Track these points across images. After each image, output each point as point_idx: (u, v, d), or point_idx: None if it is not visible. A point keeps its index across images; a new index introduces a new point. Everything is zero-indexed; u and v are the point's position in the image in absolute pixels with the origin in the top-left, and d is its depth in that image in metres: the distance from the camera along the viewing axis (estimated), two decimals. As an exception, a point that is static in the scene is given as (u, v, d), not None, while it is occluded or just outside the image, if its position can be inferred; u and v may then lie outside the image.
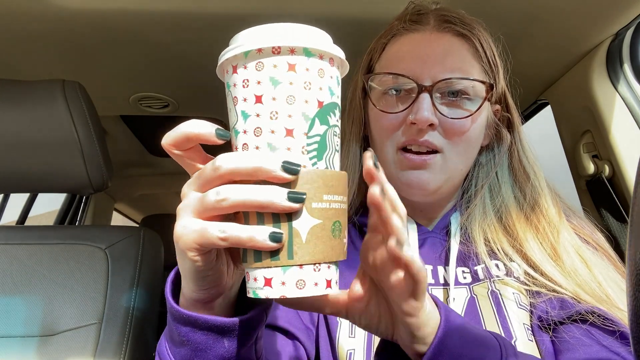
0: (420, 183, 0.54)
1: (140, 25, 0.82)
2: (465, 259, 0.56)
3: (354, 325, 0.54)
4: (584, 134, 0.91)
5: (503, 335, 0.48)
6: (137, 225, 2.27)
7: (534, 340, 0.48)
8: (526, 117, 1.14)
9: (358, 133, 0.62)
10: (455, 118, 0.53)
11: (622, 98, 0.82)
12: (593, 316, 0.46)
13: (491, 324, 0.49)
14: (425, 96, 0.52)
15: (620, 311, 0.46)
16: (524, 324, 0.49)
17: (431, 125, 0.52)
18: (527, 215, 0.56)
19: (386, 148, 0.57)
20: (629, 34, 0.81)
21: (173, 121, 1.60)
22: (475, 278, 0.54)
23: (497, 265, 0.54)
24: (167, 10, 0.78)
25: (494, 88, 0.55)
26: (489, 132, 0.60)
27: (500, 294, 0.52)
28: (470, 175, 0.61)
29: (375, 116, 0.58)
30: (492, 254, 0.55)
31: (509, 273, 0.53)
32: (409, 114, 0.53)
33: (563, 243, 0.52)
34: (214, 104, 1.23)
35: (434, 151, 0.54)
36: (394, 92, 0.55)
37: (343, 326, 0.54)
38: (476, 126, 0.55)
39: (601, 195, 0.88)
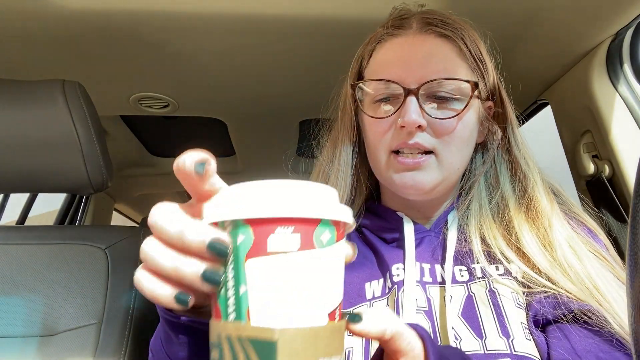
0: (415, 184, 0.55)
1: (140, 25, 0.82)
2: (463, 258, 0.56)
3: None
4: (584, 134, 0.91)
5: (500, 334, 0.48)
6: (137, 225, 2.27)
7: (532, 339, 0.48)
8: (526, 117, 1.13)
9: (349, 138, 0.64)
10: (442, 118, 0.54)
11: (622, 98, 0.82)
12: (585, 315, 0.47)
13: (489, 323, 0.49)
14: (411, 99, 0.53)
15: (608, 304, 0.47)
16: (521, 322, 0.49)
17: (420, 127, 0.53)
18: (522, 208, 0.57)
19: (379, 152, 0.58)
20: (629, 34, 0.81)
21: (173, 121, 1.59)
22: (473, 276, 0.54)
23: (496, 267, 0.54)
24: (167, 10, 0.78)
25: (480, 86, 0.56)
26: (483, 130, 0.61)
27: (498, 293, 0.52)
28: (467, 172, 0.62)
29: (367, 122, 0.59)
30: (489, 253, 0.55)
31: (506, 272, 0.54)
32: (398, 118, 0.54)
33: (555, 234, 0.53)
34: (214, 104, 1.23)
35: (428, 152, 0.55)
36: (383, 98, 0.57)
37: None
38: (466, 124, 0.56)
39: (601, 195, 0.88)
